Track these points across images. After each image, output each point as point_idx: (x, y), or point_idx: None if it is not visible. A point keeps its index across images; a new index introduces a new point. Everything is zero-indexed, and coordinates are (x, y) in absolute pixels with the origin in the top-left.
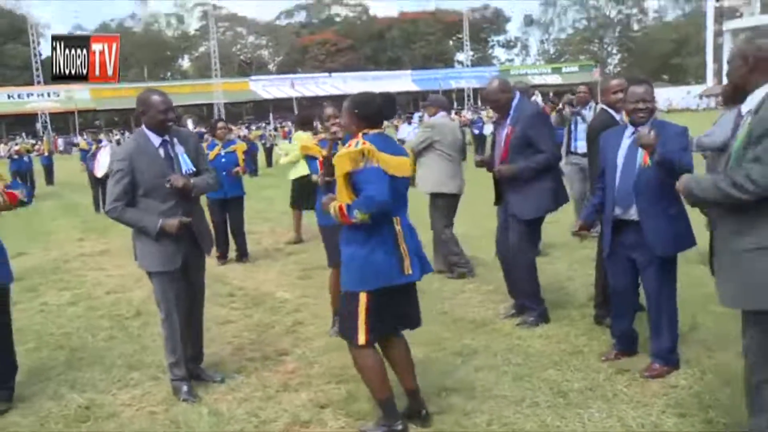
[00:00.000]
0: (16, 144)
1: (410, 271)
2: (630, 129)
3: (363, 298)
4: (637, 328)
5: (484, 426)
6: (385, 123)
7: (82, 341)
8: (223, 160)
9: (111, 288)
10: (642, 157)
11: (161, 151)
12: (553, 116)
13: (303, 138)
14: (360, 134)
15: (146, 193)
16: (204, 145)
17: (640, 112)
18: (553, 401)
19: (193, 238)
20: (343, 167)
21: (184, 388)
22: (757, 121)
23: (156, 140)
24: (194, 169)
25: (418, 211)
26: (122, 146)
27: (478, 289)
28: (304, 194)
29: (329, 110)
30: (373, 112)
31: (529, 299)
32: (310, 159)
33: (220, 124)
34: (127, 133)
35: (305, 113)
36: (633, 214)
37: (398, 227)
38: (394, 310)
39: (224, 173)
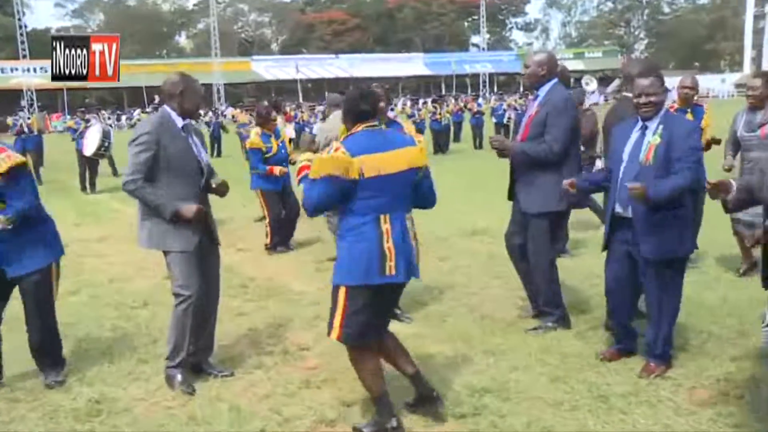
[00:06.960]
0: None
1: (393, 272)
2: (639, 123)
3: (342, 292)
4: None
5: (523, 428)
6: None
7: (87, 331)
8: (283, 151)
9: (113, 276)
10: (645, 153)
11: (183, 134)
12: None
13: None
14: (340, 139)
15: (167, 170)
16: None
17: (644, 107)
18: (593, 405)
19: (207, 226)
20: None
21: (178, 377)
22: None
23: (179, 122)
24: (209, 163)
25: None
26: (148, 120)
27: (506, 284)
28: None
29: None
30: (355, 107)
31: (545, 303)
32: None
33: (274, 115)
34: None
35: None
36: (631, 212)
37: (386, 225)
38: (376, 311)
39: (284, 164)
